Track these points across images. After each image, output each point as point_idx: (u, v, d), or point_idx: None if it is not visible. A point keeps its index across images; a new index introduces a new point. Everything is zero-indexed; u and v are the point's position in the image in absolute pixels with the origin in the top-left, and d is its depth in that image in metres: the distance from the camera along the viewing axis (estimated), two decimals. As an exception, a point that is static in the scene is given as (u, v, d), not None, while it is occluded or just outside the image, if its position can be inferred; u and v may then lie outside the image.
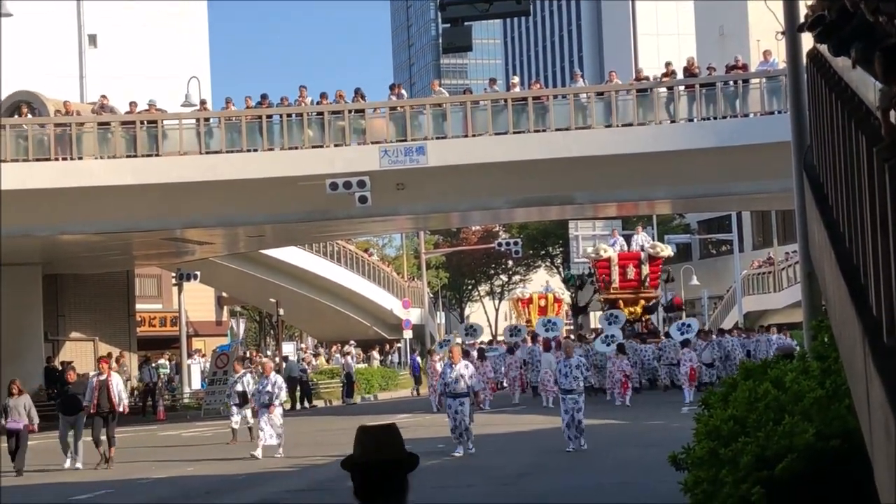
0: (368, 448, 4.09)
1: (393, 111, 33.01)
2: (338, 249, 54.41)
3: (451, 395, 20.71)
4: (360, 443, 4.14)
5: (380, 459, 4.01)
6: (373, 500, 4.00)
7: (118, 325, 45.39)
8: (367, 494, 4.02)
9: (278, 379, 23.45)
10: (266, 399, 22.45)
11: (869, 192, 5.92)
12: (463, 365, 21.03)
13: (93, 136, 32.94)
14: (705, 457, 8.77)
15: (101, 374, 22.55)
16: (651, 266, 42.18)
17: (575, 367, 20.79)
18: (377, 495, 3.98)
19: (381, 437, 4.13)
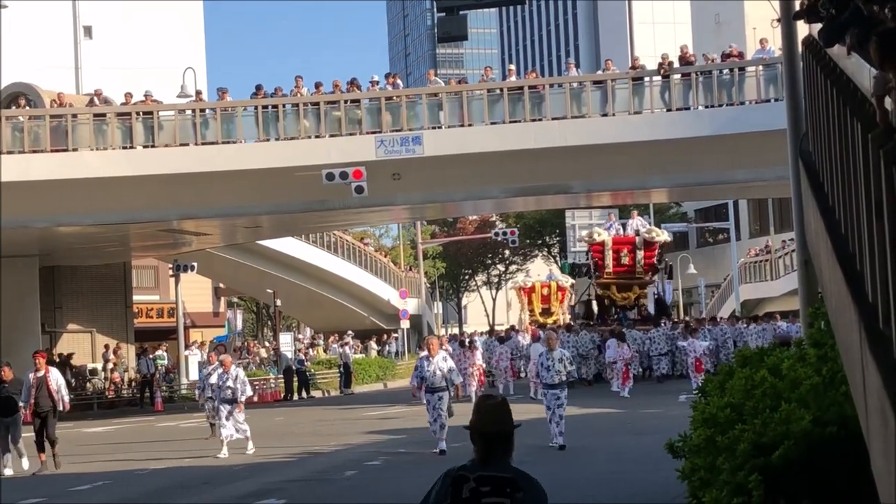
0: (487, 421, 5.33)
1: (389, 101, 32.97)
2: (335, 240, 54.39)
3: (429, 389, 19.49)
4: (479, 415, 5.38)
5: (495, 430, 5.27)
6: (490, 457, 5.23)
7: (115, 317, 45.41)
8: (486, 454, 5.25)
9: (240, 373, 22.28)
10: (228, 394, 21.40)
11: (864, 178, 5.92)
12: (441, 357, 19.82)
13: (89, 128, 32.90)
14: (702, 444, 8.77)
15: (37, 371, 20.29)
16: (646, 251, 41.01)
17: (558, 361, 19.38)
18: (493, 455, 5.24)
19: (497, 413, 5.38)
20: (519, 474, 5.23)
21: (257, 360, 48.69)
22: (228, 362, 22.49)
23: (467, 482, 5.21)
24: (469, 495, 5.17)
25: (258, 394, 40.41)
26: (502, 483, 5.17)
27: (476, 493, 5.17)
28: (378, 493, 15.52)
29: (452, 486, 5.29)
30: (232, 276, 56.31)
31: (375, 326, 57.64)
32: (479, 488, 5.18)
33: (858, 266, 6.44)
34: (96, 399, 39.60)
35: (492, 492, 5.15)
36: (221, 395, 21.61)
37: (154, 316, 55.21)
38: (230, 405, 21.39)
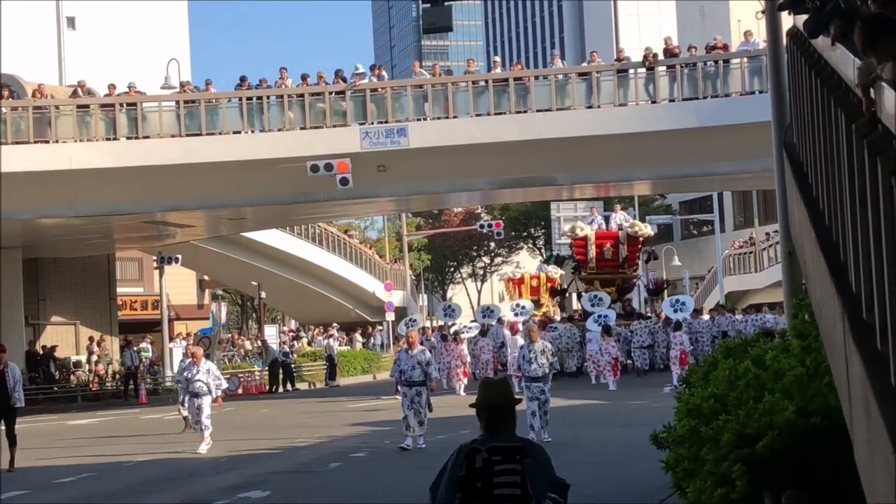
0: (491, 395, 6.00)
1: (374, 93, 32.92)
2: (319, 232, 54.32)
3: (407, 383, 19.03)
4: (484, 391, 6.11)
5: (500, 403, 5.89)
6: (496, 429, 5.83)
7: (99, 309, 45.25)
8: (493, 425, 5.85)
9: (211, 367, 21.61)
10: (198, 388, 20.62)
11: (848, 169, 5.93)
12: (420, 350, 19.42)
13: (72, 119, 32.78)
14: (686, 435, 8.80)
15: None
16: (630, 246, 40.63)
17: (540, 353, 18.91)
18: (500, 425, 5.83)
19: (499, 388, 6.11)
20: (525, 442, 5.91)
21: (242, 353, 48.66)
22: (199, 355, 21.67)
23: (479, 454, 5.75)
24: (482, 465, 5.69)
25: (243, 386, 40.43)
26: (511, 451, 5.74)
27: (488, 462, 5.70)
28: (363, 484, 15.53)
29: (466, 459, 5.77)
30: (216, 269, 56.18)
31: (360, 319, 57.64)
32: (490, 458, 5.71)
33: (842, 256, 6.45)
34: (80, 391, 39.47)
35: (503, 460, 5.70)
36: (190, 389, 20.86)
37: (138, 308, 55.07)
38: (199, 399, 20.62)
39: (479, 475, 5.72)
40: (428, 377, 19.11)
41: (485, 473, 5.71)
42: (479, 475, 5.72)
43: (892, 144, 4.66)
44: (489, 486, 5.71)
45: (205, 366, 21.19)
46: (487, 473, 5.71)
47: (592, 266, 40.50)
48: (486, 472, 5.70)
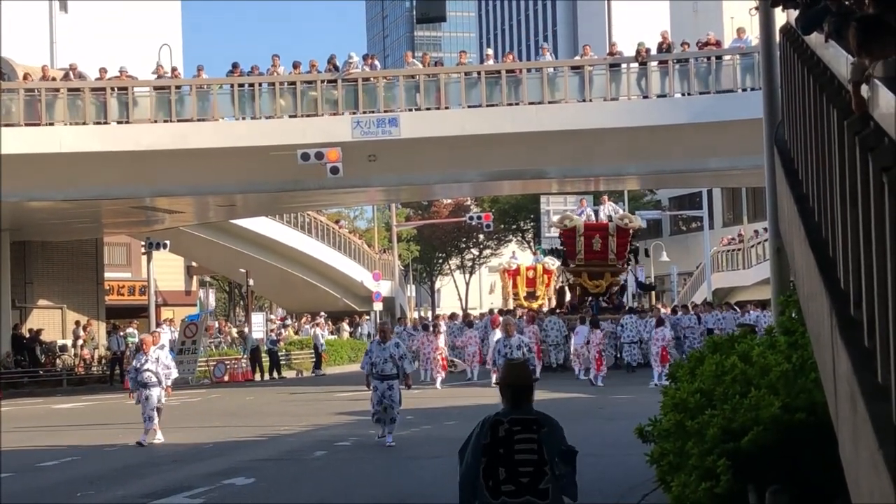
0: (513, 375, 6.93)
1: (366, 82, 32.87)
2: (309, 220, 54.24)
3: (379, 377, 18.07)
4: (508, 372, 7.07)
5: (521, 383, 6.82)
6: (517, 403, 6.71)
7: (86, 294, 45.17)
8: (514, 400, 6.73)
9: (160, 355, 20.40)
10: (146, 378, 19.65)
11: (839, 165, 5.94)
12: (393, 343, 18.46)
13: (63, 102, 32.68)
14: (672, 429, 8.82)
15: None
16: (619, 238, 39.76)
17: (516, 348, 18.56)
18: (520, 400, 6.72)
19: (520, 370, 7.13)
20: (541, 415, 6.72)
21: (229, 340, 48.58)
22: (148, 343, 20.77)
23: (502, 424, 6.62)
24: (504, 434, 6.58)
25: (229, 373, 40.37)
26: (529, 423, 6.63)
27: (510, 432, 6.58)
28: (348, 473, 15.53)
29: (491, 429, 6.64)
30: (205, 255, 56.11)
31: (348, 308, 57.60)
32: (512, 428, 6.60)
33: (831, 253, 6.46)
34: (66, 375, 39.38)
35: (522, 430, 6.59)
36: (139, 379, 19.83)
37: (125, 293, 54.99)
38: (147, 389, 19.62)
39: (501, 443, 6.58)
40: (402, 371, 18.29)
41: (507, 441, 6.58)
42: (501, 443, 6.58)
43: (883, 141, 4.66)
44: (510, 452, 6.58)
45: (153, 354, 20.12)
46: (509, 441, 6.59)
47: (581, 258, 39.76)
48: (507, 441, 6.58)
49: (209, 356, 42.34)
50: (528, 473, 6.56)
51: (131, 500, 13.35)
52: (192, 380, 38.89)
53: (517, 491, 6.53)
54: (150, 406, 19.65)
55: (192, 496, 13.60)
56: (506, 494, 6.53)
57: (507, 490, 6.53)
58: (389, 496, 13.24)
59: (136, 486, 14.62)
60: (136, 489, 14.35)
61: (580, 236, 39.73)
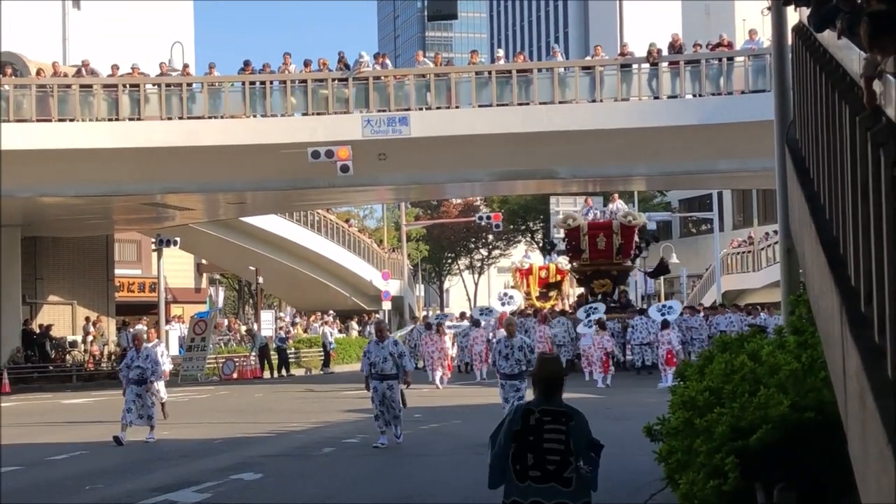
0: (546, 369, 7.27)
1: (377, 80, 32.89)
2: (318, 219, 54.29)
3: (378, 377, 17.66)
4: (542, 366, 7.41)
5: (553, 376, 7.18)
6: (548, 396, 7.09)
7: (96, 290, 45.27)
8: (546, 392, 7.10)
9: (151, 353, 20.14)
10: (136, 375, 19.42)
11: (851, 162, 5.93)
12: (391, 342, 18.11)
13: (74, 99, 32.74)
14: (680, 427, 8.81)
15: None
16: (624, 237, 39.13)
17: (517, 349, 17.77)
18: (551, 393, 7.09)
19: (553, 364, 7.44)
20: (569, 408, 7.13)
21: (238, 337, 48.67)
22: (141, 339, 20.54)
23: (533, 414, 7.04)
24: (535, 423, 6.98)
25: (238, 370, 40.43)
26: (559, 414, 7.03)
27: (540, 421, 6.99)
28: (355, 470, 15.54)
29: (522, 417, 7.04)
30: (215, 253, 56.20)
31: (357, 307, 57.63)
32: (542, 418, 7.00)
33: (842, 250, 6.46)
34: (75, 371, 39.47)
35: (552, 421, 6.99)
36: (129, 375, 19.50)
37: (136, 290, 55.12)
38: (138, 387, 19.40)
39: (531, 431, 6.98)
40: (402, 370, 17.85)
41: (536, 430, 6.98)
42: (531, 431, 6.98)
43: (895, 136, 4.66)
44: (539, 441, 6.96)
45: (144, 351, 19.90)
46: (538, 430, 6.98)
47: (586, 257, 39.44)
48: (537, 429, 6.99)
49: (218, 353, 42.42)
50: (555, 462, 6.94)
51: (139, 494, 13.37)
52: (201, 376, 38.99)
53: (543, 477, 6.92)
54: (149, 403, 19.53)
55: (200, 490, 13.63)
56: (532, 479, 6.93)
57: (533, 475, 6.94)
58: (396, 493, 13.24)
59: (144, 481, 14.64)
60: (144, 483, 14.38)
61: (584, 235, 39.40)
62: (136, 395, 19.33)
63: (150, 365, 19.78)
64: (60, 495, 13.67)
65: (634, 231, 40.10)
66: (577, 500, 6.95)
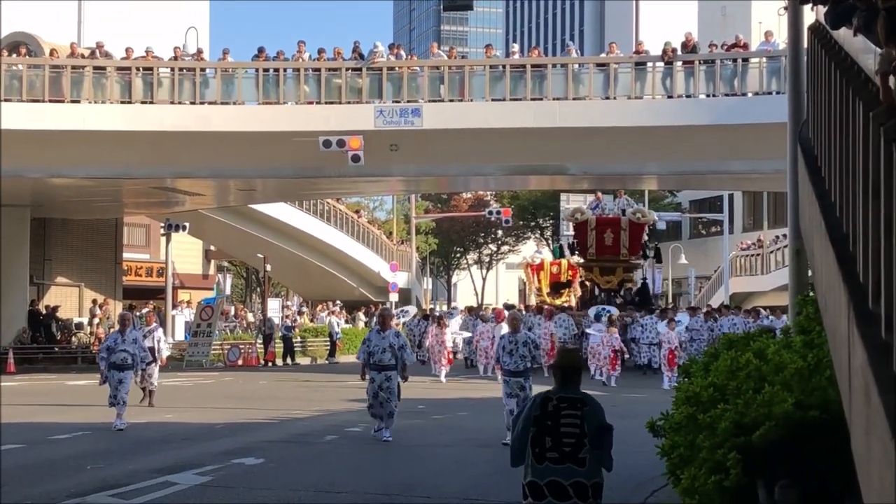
0: (564, 359, 7.98)
1: (391, 71, 32.86)
2: (328, 209, 54.32)
3: (376, 367, 17.11)
4: (561, 356, 8.20)
5: (570, 366, 7.87)
6: (565, 384, 7.73)
7: (104, 273, 45.35)
8: (563, 381, 7.75)
9: (139, 337, 19.66)
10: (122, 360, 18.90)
11: (863, 159, 5.90)
12: (393, 333, 17.50)
13: (88, 81, 32.77)
14: (683, 422, 8.79)
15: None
16: (632, 233, 38.64)
17: (522, 345, 16.82)
18: (568, 381, 7.74)
19: (572, 355, 8.32)
20: (585, 395, 7.76)
21: (244, 324, 48.73)
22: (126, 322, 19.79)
23: (551, 401, 7.64)
24: (552, 409, 7.59)
25: (243, 357, 40.46)
26: (575, 401, 7.65)
27: (557, 407, 7.60)
28: (357, 458, 15.54)
29: (541, 403, 7.64)
30: (223, 239, 56.25)
31: (364, 298, 57.66)
32: (559, 404, 7.62)
33: (851, 247, 6.43)
34: (80, 353, 39.53)
35: (568, 407, 7.60)
36: (112, 360, 18.88)
37: (143, 274, 55.19)
38: (121, 372, 18.84)
39: (549, 416, 7.58)
40: (401, 362, 17.27)
41: (554, 415, 7.58)
42: (549, 416, 7.58)
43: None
44: (557, 425, 7.55)
45: (131, 335, 19.28)
46: (556, 415, 7.58)
47: (592, 252, 39.05)
48: (555, 415, 7.59)
49: (224, 340, 42.46)
50: (571, 444, 7.55)
51: (140, 475, 13.38)
52: (206, 362, 39.04)
53: (560, 458, 7.53)
54: (125, 390, 18.85)
55: (201, 473, 13.63)
56: (549, 460, 7.54)
57: (551, 457, 7.54)
58: (398, 482, 13.23)
59: (146, 462, 14.66)
60: (145, 464, 14.40)
61: (592, 230, 39.08)
62: (118, 381, 18.74)
63: (137, 350, 19.23)
64: (62, 474, 13.69)
65: (643, 228, 39.72)
66: (590, 479, 7.55)
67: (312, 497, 12.08)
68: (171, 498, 11.99)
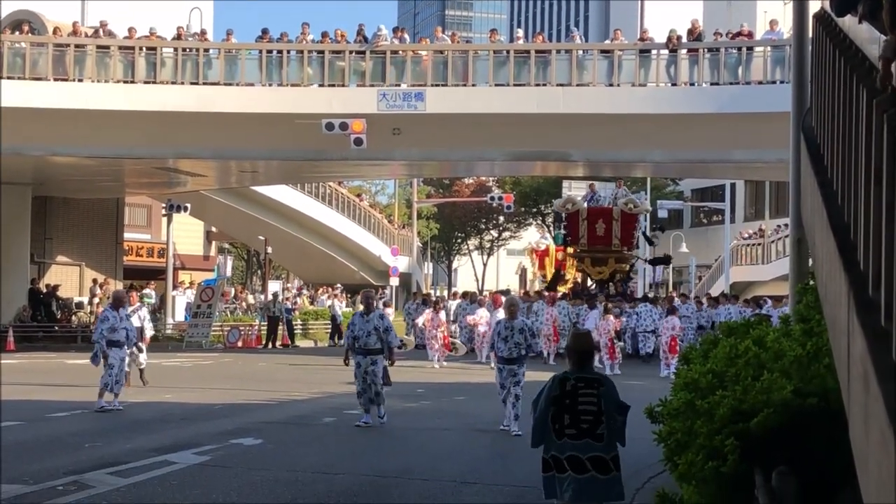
0: (579, 342, 8.53)
1: (394, 55, 32.80)
2: (330, 192, 54.29)
3: (362, 351, 16.80)
4: (575, 340, 8.64)
5: (585, 349, 8.49)
6: (581, 365, 8.34)
7: (105, 252, 45.37)
8: (579, 363, 8.34)
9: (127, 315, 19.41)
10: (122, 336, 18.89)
11: (866, 146, 5.88)
12: (377, 315, 17.14)
13: (91, 60, 32.72)
14: (681, 408, 8.77)
15: None
16: (624, 224, 38.16)
17: (518, 332, 16.23)
18: (584, 363, 8.37)
19: (585, 338, 8.86)
20: (601, 376, 8.45)
21: (244, 306, 48.77)
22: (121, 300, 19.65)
23: (569, 381, 8.21)
24: (570, 388, 8.15)
25: (243, 339, 40.50)
26: (591, 381, 8.26)
27: (575, 387, 8.17)
28: (355, 440, 15.56)
29: (559, 384, 8.19)
30: (224, 220, 56.25)
31: (364, 282, 57.57)
32: (576, 384, 8.20)
33: (852, 235, 6.42)
34: (80, 332, 39.57)
35: (585, 386, 8.19)
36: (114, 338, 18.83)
37: (144, 255, 55.22)
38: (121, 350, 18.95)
39: (567, 395, 8.14)
40: (387, 346, 17.01)
41: (572, 395, 8.14)
42: (567, 395, 8.14)
43: (912, 118, 4.61)
44: (574, 403, 8.11)
45: (123, 312, 19.26)
46: (574, 395, 8.14)
47: (584, 243, 38.67)
48: (573, 394, 8.15)
49: (224, 321, 42.49)
50: (588, 421, 8.11)
51: (139, 454, 13.40)
52: (206, 343, 39.07)
53: (578, 434, 8.09)
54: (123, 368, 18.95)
55: (199, 453, 13.65)
56: (568, 437, 8.09)
57: (569, 433, 8.09)
58: (395, 465, 13.24)
59: (144, 441, 14.68)
60: (143, 443, 14.42)
61: (583, 220, 38.70)
62: (121, 360, 18.86)
63: (129, 327, 19.22)
64: (60, 451, 13.70)
65: (635, 219, 39.31)
66: (608, 454, 8.15)
67: (310, 478, 12.10)
68: (169, 477, 12.01)
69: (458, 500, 11.21)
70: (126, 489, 11.26)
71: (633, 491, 11.09)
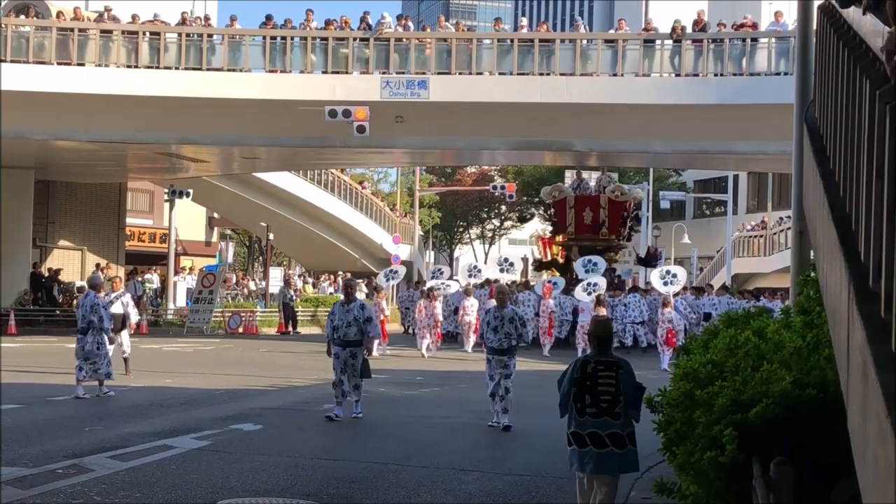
0: (600, 329, 9.22)
1: (398, 42, 32.76)
2: (332, 179, 54.25)
3: (341, 342, 16.28)
4: (596, 326, 9.32)
5: (605, 335, 9.21)
6: (601, 349, 9.02)
7: (107, 237, 45.37)
8: (599, 347, 9.04)
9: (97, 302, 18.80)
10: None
11: (868, 137, 5.88)
12: (358, 305, 16.50)
13: (94, 44, 32.69)
14: (680, 398, 8.78)
15: None
16: (612, 212, 37.71)
17: (508, 321, 15.64)
18: (604, 347, 9.06)
19: (605, 325, 9.48)
20: (619, 359, 9.10)
21: (245, 293, 48.79)
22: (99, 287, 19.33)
23: (590, 364, 8.92)
24: (591, 371, 8.86)
25: (244, 325, 40.53)
26: (611, 364, 8.95)
27: (595, 369, 8.88)
28: (354, 427, 15.58)
29: (581, 366, 8.90)
30: (227, 207, 56.22)
31: (366, 269, 57.60)
32: (597, 367, 8.90)
33: (853, 226, 6.42)
34: (82, 316, 39.58)
35: (604, 369, 8.90)
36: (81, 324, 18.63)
37: (146, 240, 55.26)
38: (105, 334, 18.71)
39: (588, 377, 8.83)
40: (366, 336, 16.47)
41: (592, 376, 8.84)
42: (588, 377, 8.83)
43: (914, 109, 4.61)
44: (594, 385, 8.81)
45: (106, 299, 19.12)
46: (594, 377, 8.85)
47: (571, 231, 38.32)
48: (593, 376, 8.85)
49: (225, 307, 42.52)
50: (607, 401, 8.81)
51: (138, 438, 13.43)
52: (207, 329, 39.11)
53: (598, 413, 8.80)
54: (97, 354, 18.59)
55: (199, 437, 13.68)
56: (589, 415, 8.81)
57: (590, 412, 8.81)
58: (394, 451, 13.27)
59: (144, 425, 14.71)
60: (143, 427, 14.44)
61: (570, 208, 38.36)
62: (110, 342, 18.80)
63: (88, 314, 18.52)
64: (60, 434, 13.74)
65: (622, 207, 38.74)
66: (624, 430, 8.86)
67: (309, 464, 12.12)
68: (168, 461, 12.04)
69: (457, 487, 11.24)
70: (125, 473, 11.29)
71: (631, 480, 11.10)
